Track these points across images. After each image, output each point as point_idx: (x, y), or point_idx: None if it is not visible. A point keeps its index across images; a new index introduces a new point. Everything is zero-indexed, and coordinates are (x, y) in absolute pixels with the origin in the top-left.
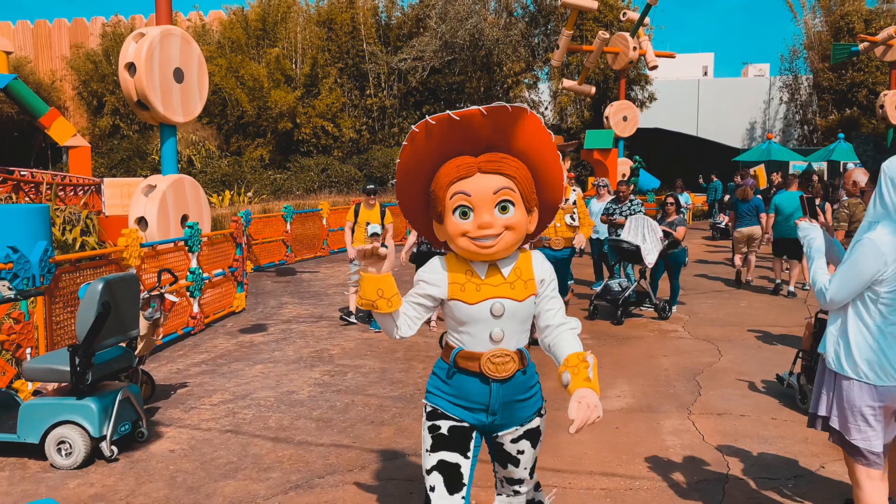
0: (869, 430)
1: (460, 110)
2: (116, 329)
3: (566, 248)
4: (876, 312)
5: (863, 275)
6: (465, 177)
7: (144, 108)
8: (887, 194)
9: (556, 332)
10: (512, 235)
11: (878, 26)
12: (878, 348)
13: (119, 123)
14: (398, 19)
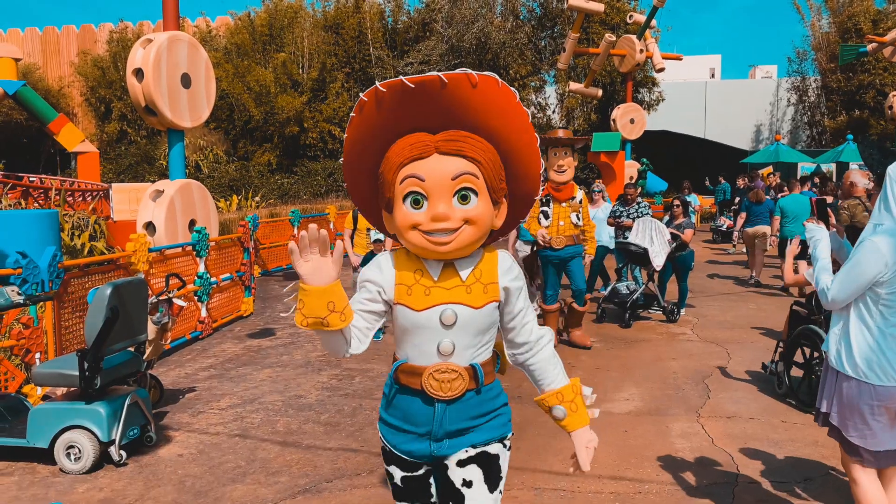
0: (866, 429)
1: (416, 76)
2: (125, 334)
3: (568, 247)
4: (877, 313)
5: (863, 276)
6: (419, 157)
7: (152, 113)
8: (892, 197)
9: (534, 352)
10: (472, 231)
11: (886, 27)
12: (878, 349)
13: (127, 129)
14: (404, 23)
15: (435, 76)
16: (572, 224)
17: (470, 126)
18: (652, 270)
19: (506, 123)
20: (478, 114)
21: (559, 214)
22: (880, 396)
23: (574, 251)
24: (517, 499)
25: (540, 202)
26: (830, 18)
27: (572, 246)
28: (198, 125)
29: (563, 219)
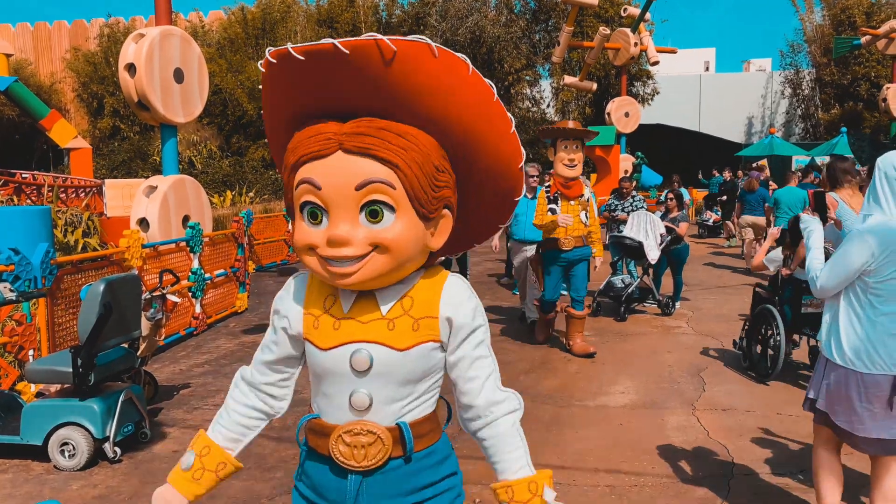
0: (853, 415)
1: (309, 44)
2: (118, 330)
3: (577, 248)
4: (866, 302)
5: (850, 265)
6: (317, 155)
7: (145, 108)
8: (880, 188)
9: (484, 422)
10: (385, 260)
11: (880, 19)
12: (865, 337)
13: (119, 125)
14: (398, 17)
15: (329, 44)
16: (581, 223)
17: (396, 110)
18: (647, 264)
19: (455, 106)
20: (405, 95)
21: (568, 213)
22: (867, 384)
23: (582, 254)
24: None
25: (547, 199)
26: (824, 11)
27: (581, 248)
28: (191, 120)
29: (573, 215)
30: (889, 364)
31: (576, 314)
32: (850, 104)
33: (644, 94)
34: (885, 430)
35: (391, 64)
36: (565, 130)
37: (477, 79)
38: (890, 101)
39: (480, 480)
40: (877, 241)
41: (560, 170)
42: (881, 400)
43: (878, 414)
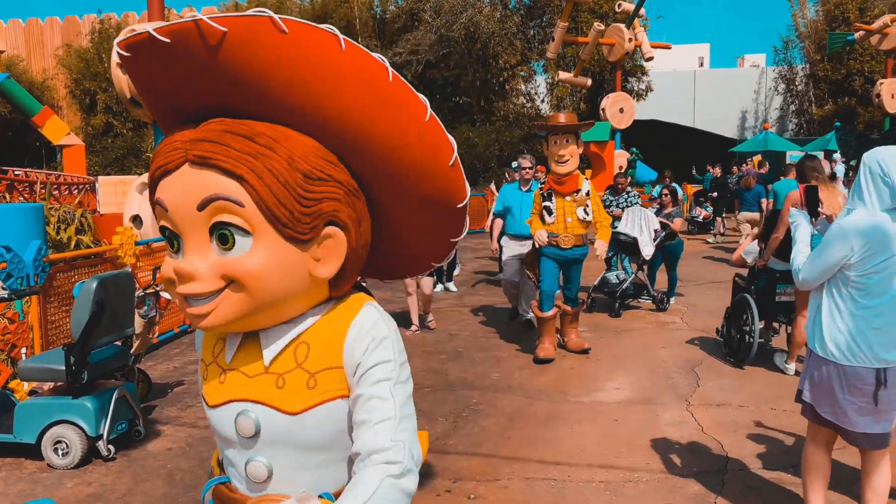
0: (837, 407)
1: (132, 34)
2: (112, 328)
3: (577, 248)
4: (847, 295)
5: (830, 258)
6: (166, 170)
7: (138, 105)
8: (864, 183)
9: (359, 466)
10: (240, 299)
11: (873, 14)
12: (846, 330)
13: (112, 121)
14: (392, 13)
15: (144, 33)
16: (580, 220)
17: (261, 106)
18: (641, 260)
19: (325, 92)
20: (252, 83)
21: (564, 210)
22: (849, 377)
23: (581, 253)
24: (508, 489)
25: (542, 197)
26: (818, 7)
27: (580, 247)
28: None
29: (569, 215)
30: (870, 357)
31: (569, 310)
32: (844, 100)
33: (638, 89)
34: (870, 424)
35: (222, 47)
36: (554, 126)
37: (356, 55)
38: (883, 97)
39: (475, 477)
40: (857, 235)
41: (551, 166)
42: (864, 393)
43: (862, 408)
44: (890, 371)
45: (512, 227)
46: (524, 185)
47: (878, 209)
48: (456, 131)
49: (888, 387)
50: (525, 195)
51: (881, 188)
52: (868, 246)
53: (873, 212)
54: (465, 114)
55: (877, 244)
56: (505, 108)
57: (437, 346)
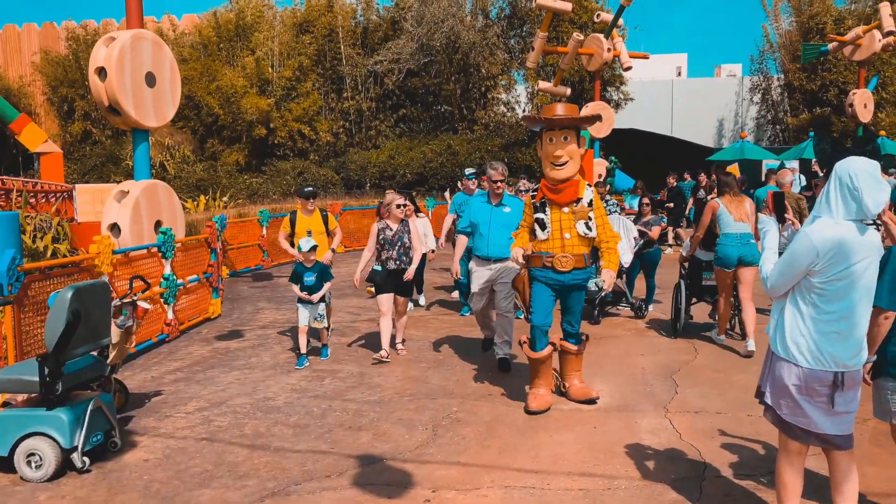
0: (797, 407)
1: None
2: (87, 338)
3: (578, 271)
4: (810, 301)
5: (796, 266)
6: None
7: (116, 113)
8: (833, 191)
9: None
10: None
11: (848, 26)
12: (808, 334)
13: (91, 129)
14: (374, 22)
15: None
16: (581, 237)
17: None
18: (620, 267)
19: None
20: None
21: (562, 224)
22: (807, 378)
23: (582, 278)
24: (487, 497)
25: (534, 207)
26: (792, 17)
27: (581, 270)
28: (163, 124)
29: (567, 229)
30: (830, 361)
31: (572, 349)
32: (819, 109)
33: (617, 99)
34: (829, 425)
35: None
36: (551, 120)
37: None
38: (856, 107)
39: (454, 486)
40: (822, 242)
41: (546, 169)
42: (821, 395)
43: (819, 409)
44: (847, 374)
45: (479, 247)
46: (494, 198)
47: (841, 219)
48: (437, 139)
49: (845, 389)
50: (495, 210)
51: (848, 201)
52: (832, 253)
53: (837, 221)
54: (446, 122)
55: (840, 252)
56: (486, 116)
57: (417, 354)
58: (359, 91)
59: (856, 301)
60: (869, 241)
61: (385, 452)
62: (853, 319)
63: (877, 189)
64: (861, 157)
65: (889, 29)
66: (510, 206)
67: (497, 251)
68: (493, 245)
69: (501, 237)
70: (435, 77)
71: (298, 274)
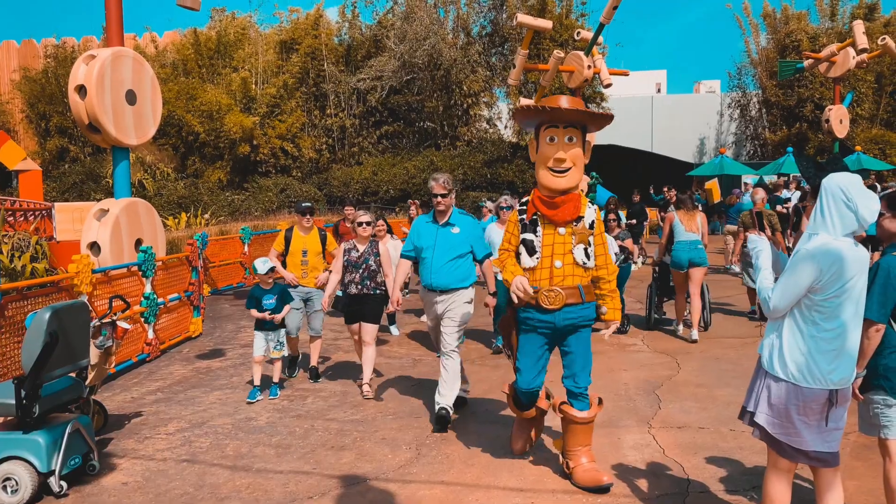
0: (791, 427)
1: None
2: (65, 359)
3: (571, 308)
4: (809, 319)
5: (800, 283)
6: None
7: (96, 131)
8: (826, 208)
9: None
10: None
11: (823, 44)
12: (807, 352)
13: (68, 146)
14: (357, 40)
15: None
16: (577, 264)
17: None
18: None
19: None
20: None
21: (555, 248)
22: (806, 398)
23: (579, 316)
24: None
25: (521, 226)
26: (769, 35)
27: (577, 307)
28: (144, 142)
29: (560, 255)
30: (826, 379)
31: (577, 417)
32: (797, 125)
33: None
34: (819, 443)
35: None
36: (553, 111)
37: None
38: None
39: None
40: (823, 259)
41: (542, 177)
42: (816, 413)
43: (812, 427)
44: (840, 392)
45: (423, 276)
46: (439, 216)
47: (839, 234)
48: (420, 155)
49: (837, 406)
50: (441, 231)
51: (844, 213)
52: (834, 270)
53: (835, 236)
54: (429, 138)
55: (840, 269)
56: (468, 133)
57: (401, 372)
58: (342, 108)
59: (850, 317)
60: (860, 257)
61: (368, 472)
62: (848, 336)
63: (869, 199)
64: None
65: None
66: (459, 225)
67: (441, 280)
68: (436, 273)
69: (446, 264)
70: (417, 94)
71: (256, 298)
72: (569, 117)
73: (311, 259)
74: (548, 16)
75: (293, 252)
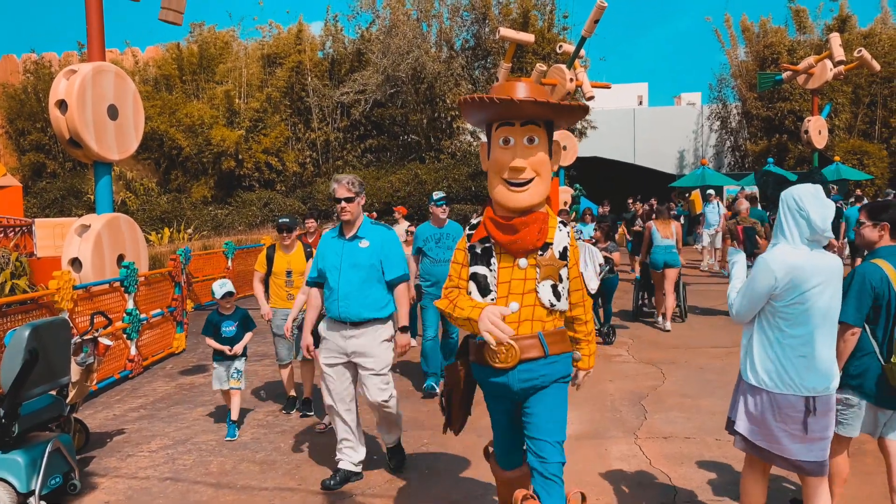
0: (770, 435)
1: None
2: (46, 377)
3: (533, 364)
4: (775, 325)
5: (756, 291)
6: None
7: (77, 146)
8: (784, 219)
9: None
10: None
11: (800, 56)
12: (775, 358)
13: (45, 161)
14: (341, 53)
15: None
16: (543, 307)
17: None
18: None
19: None
20: None
21: (512, 285)
22: (780, 404)
23: (543, 375)
24: None
25: (470, 255)
26: (747, 48)
27: (538, 363)
28: (126, 157)
29: (518, 294)
30: (798, 384)
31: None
32: (777, 136)
33: (581, 127)
34: (803, 451)
35: None
36: (506, 102)
37: None
38: (811, 133)
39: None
40: (779, 267)
41: (496, 192)
42: (795, 421)
43: (794, 435)
44: (819, 400)
45: (328, 306)
46: (346, 228)
47: (797, 242)
48: (405, 168)
49: (817, 415)
50: (348, 246)
51: (799, 221)
52: (790, 277)
53: (794, 245)
54: (413, 151)
55: (797, 277)
56: (452, 146)
57: None
58: (326, 122)
59: (818, 324)
60: (825, 265)
61: (355, 488)
62: (816, 343)
63: (821, 206)
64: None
65: (840, 58)
66: (370, 238)
67: (351, 310)
68: (344, 300)
69: (355, 288)
70: (401, 107)
71: (214, 324)
72: (528, 111)
73: (297, 280)
74: (530, 29)
75: (276, 273)
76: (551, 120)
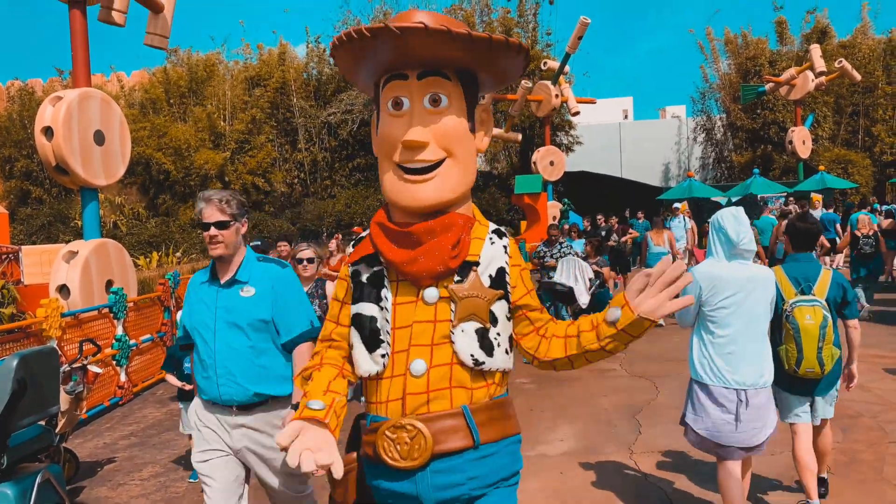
0: (710, 423)
1: None
2: (35, 407)
3: (449, 462)
4: (707, 327)
5: None
6: None
7: (64, 172)
8: (711, 237)
9: None
10: None
11: (781, 67)
12: (708, 355)
13: (29, 188)
14: (326, 74)
15: None
16: (461, 365)
17: None
18: (578, 308)
19: None
20: None
21: (414, 331)
22: (712, 394)
23: (482, 473)
24: None
25: (352, 283)
26: (730, 60)
27: (468, 456)
28: (113, 183)
29: (428, 342)
30: (728, 378)
31: None
32: (762, 147)
33: (567, 142)
34: (739, 439)
35: None
36: (386, 32)
37: None
38: (795, 143)
39: None
40: (702, 277)
41: (386, 184)
42: (729, 411)
43: (729, 423)
44: (749, 392)
45: (201, 384)
46: (220, 269)
47: (722, 257)
48: None
49: (749, 407)
50: (223, 294)
51: (721, 238)
52: (710, 285)
53: (718, 258)
54: None
55: (717, 285)
56: None
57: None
58: (313, 142)
59: (742, 326)
60: (745, 275)
61: None
62: (739, 342)
63: (736, 223)
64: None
65: (821, 69)
66: (256, 283)
67: (232, 387)
68: (223, 373)
69: (240, 355)
70: None
71: (177, 359)
72: (421, 51)
73: None
74: None
75: None
76: (469, 69)
